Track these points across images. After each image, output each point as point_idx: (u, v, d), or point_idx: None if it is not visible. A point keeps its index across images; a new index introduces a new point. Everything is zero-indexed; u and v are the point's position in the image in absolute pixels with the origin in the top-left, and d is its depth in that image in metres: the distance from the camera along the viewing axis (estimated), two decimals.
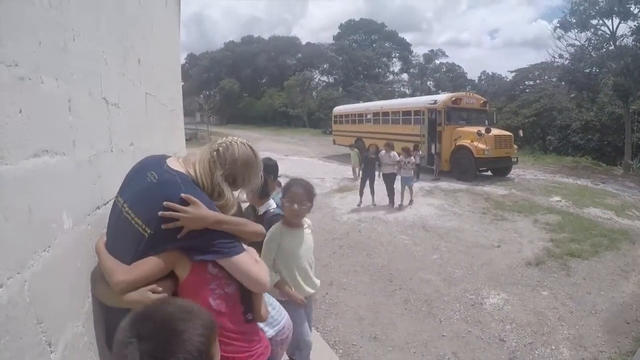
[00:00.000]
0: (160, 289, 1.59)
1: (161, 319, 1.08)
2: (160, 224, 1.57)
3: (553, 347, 4.49)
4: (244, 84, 69.16)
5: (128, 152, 2.53)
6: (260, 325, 2.03)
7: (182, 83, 7.98)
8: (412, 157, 11.58)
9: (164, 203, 1.56)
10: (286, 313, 2.70)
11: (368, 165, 11.49)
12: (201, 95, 62.03)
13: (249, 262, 1.68)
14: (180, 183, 1.66)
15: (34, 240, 1.23)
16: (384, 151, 11.34)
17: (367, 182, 11.38)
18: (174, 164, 1.77)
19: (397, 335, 4.72)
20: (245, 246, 1.88)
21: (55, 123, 1.46)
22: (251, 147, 1.89)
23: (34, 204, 1.23)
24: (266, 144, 29.48)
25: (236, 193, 1.93)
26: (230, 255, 1.64)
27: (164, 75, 5.03)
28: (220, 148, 1.80)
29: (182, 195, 1.58)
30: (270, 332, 2.44)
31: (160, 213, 1.56)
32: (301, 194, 3.00)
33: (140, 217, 1.61)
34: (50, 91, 1.41)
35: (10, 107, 1.13)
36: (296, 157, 23.46)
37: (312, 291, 3.21)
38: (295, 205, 2.97)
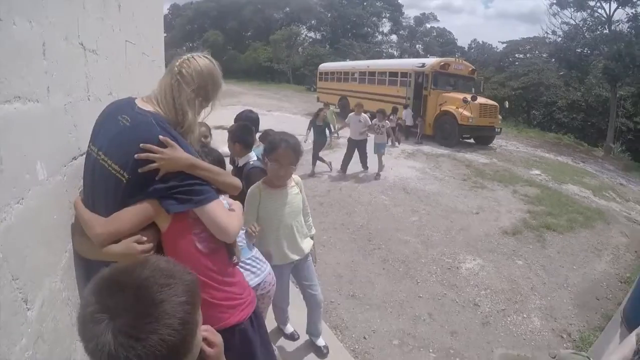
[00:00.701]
0: (144, 238, 1.57)
1: (136, 286, 0.86)
2: (137, 167, 1.54)
3: (525, 316, 4.64)
4: (228, 37, 67.29)
5: (106, 100, 2.40)
6: (244, 273, 2.05)
7: (165, 34, 7.72)
8: (386, 121, 10.94)
9: (141, 145, 1.53)
10: (269, 267, 2.71)
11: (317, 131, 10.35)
12: (184, 47, 60.36)
13: (219, 211, 1.66)
14: (155, 123, 1.63)
15: (6, 192, 1.17)
16: (352, 113, 10.35)
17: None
18: (143, 104, 1.73)
19: (374, 294, 4.82)
20: (229, 199, 1.87)
21: (28, 68, 1.37)
22: (208, 57, 1.87)
23: (5, 153, 1.16)
24: (249, 99, 28.99)
25: (207, 112, 1.96)
26: (202, 203, 1.62)
27: (145, 23, 4.83)
28: (183, 69, 1.75)
29: (160, 137, 1.56)
30: (254, 280, 2.47)
31: (136, 155, 1.53)
32: (290, 156, 2.77)
33: (116, 162, 1.58)
34: (23, 34, 1.32)
35: None
36: (278, 112, 23.10)
37: (296, 257, 3.00)
38: (282, 170, 2.77)
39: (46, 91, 1.51)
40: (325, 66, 26.95)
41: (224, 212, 1.68)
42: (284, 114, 23.00)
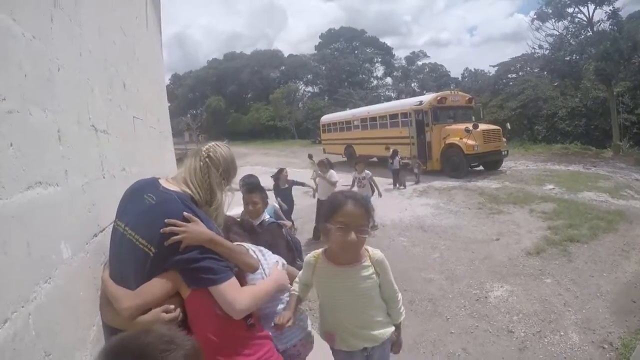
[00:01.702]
0: (172, 307, 1.65)
1: (139, 351, 0.99)
2: (162, 241, 1.64)
3: (562, 333, 4.49)
4: (229, 101, 69.12)
5: (120, 177, 2.52)
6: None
7: (169, 104, 7.97)
8: (366, 171, 9.50)
9: (166, 220, 1.64)
10: (303, 335, 2.37)
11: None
12: (188, 115, 62.19)
13: (230, 290, 1.71)
14: (179, 200, 1.78)
15: (35, 273, 1.23)
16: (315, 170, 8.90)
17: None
18: (167, 184, 1.90)
19: (405, 337, 4.68)
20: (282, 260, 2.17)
21: (47, 154, 1.46)
22: (227, 146, 2.10)
23: (32, 237, 1.23)
24: (256, 158, 29.41)
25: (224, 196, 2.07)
26: (216, 283, 1.68)
27: (150, 97, 5.02)
28: (210, 153, 1.98)
29: (185, 214, 1.69)
30: (280, 347, 2.34)
31: (162, 230, 1.63)
32: (359, 215, 2.08)
33: (143, 237, 1.68)
34: (39, 122, 1.41)
35: (1, 142, 1.13)
36: (288, 169, 23.32)
37: (366, 345, 2.22)
38: (353, 234, 2.03)
39: (64, 174, 1.59)
40: (327, 118, 27.39)
41: (234, 291, 1.73)
42: (293, 169, 23.15)
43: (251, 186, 3.73)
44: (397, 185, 14.24)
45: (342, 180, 10.63)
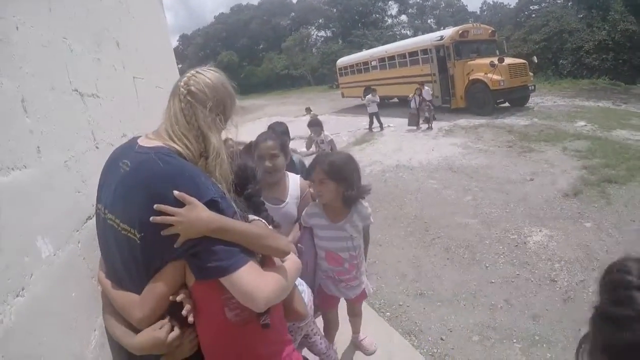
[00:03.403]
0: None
1: None
2: (147, 222, 1.26)
3: None
4: (241, 54, 68.09)
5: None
6: None
7: (180, 65, 7.68)
8: (324, 133, 7.12)
9: (155, 206, 1.25)
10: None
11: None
12: None
13: (250, 278, 1.30)
14: (157, 159, 1.32)
15: None
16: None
17: None
18: (146, 142, 1.44)
19: (443, 288, 4.47)
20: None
21: (5, 131, 1.16)
22: (212, 69, 1.55)
23: None
24: (274, 109, 29.02)
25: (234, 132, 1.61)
26: (228, 271, 1.28)
27: (153, 57, 4.72)
28: (191, 87, 1.45)
29: (176, 193, 1.26)
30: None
31: (151, 218, 1.25)
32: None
33: (123, 220, 1.33)
34: None
35: None
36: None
37: None
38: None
39: (36, 152, 1.30)
40: (343, 61, 26.57)
41: (253, 277, 1.31)
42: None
43: (270, 134, 2.85)
44: (427, 124, 13.91)
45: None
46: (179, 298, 1.33)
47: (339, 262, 2.68)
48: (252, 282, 1.29)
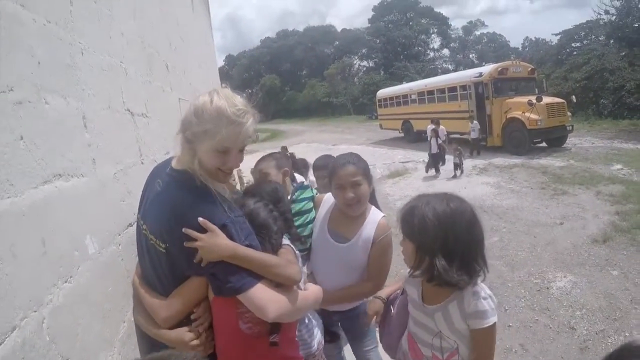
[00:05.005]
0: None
1: None
2: (170, 237, 1.46)
3: (627, 334, 4.10)
4: (284, 78, 69.68)
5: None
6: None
7: (224, 85, 7.99)
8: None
9: (183, 230, 1.42)
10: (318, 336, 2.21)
11: None
12: (243, 95, 62.95)
13: (261, 296, 1.47)
14: (180, 184, 1.51)
15: (51, 274, 1.15)
16: None
17: None
18: (176, 163, 1.59)
19: None
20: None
21: (69, 144, 1.38)
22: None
23: (48, 234, 1.15)
24: (312, 136, 29.42)
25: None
26: (241, 290, 1.45)
27: (199, 79, 5.01)
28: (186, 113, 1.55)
29: (200, 220, 1.43)
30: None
31: (185, 243, 1.43)
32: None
33: (152, 232, 1.52)
34: (58, 111, 1.33)
35: (8, 136, 1.05)
36: (344, 145, 23.03)
37: None
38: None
39: (92, 163, 1.53)
40: (383, 92, 26.69)
41: (265, 295, 1.48)
42: (350, 145, 22.94)
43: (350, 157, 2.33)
44: (436, 169, 12.83)
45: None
46: (194, 316, 1.54)
47: (418, 356, 1.85)
48: (263, 298, 1.47)
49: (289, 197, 2.32)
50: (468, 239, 1.57)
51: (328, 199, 2.42)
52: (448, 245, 1.53)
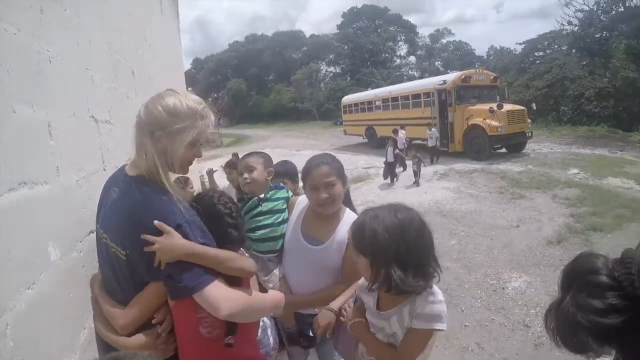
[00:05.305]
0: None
1: None
2: (130, 243, 1.49)
3: None
4: (251, 83, 69.11)
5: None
6: None
7: (190, 88, 7.93)
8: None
9: (142, 236, 1.45)
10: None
11: None
12: (209, 99, 62.44)
13: (215, 294, 1.51)
14: (135, 189, 1.53)
15: (14, 280, 1.18)
16: None
17: None
18: (130, 169, 1.63)
19: None
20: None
21: (34, 152, 1.41)
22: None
23: (13, 242, 1.18)
24: (277, 141, 29.34)
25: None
26: (195, 290, 1.48)
27: (165, 83, 4.97)
28: (141, 113, 1.64)
29: (156, 223, 1.46)
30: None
31: (145, 248, 1.46)
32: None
33: (112, 239, 1.54)
34: (25, 119, 1.35)
35: None
36: (308, 151, 23.04)
37: None
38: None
39: (55, 171, 1.54)
40: (349, 98, 26.93)
41: (219, 292, 1.52)
42: (314, 151, 22.94)
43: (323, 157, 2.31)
44: (391, 178, 12.66)
45: None
46: (155, 321, 1.56)
47: None
48: (217, 296, 1.50)
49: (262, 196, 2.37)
50: (419, 246, 1.62)
51: (301, 201, 2.41)
52: (401, 256, 1.57)
